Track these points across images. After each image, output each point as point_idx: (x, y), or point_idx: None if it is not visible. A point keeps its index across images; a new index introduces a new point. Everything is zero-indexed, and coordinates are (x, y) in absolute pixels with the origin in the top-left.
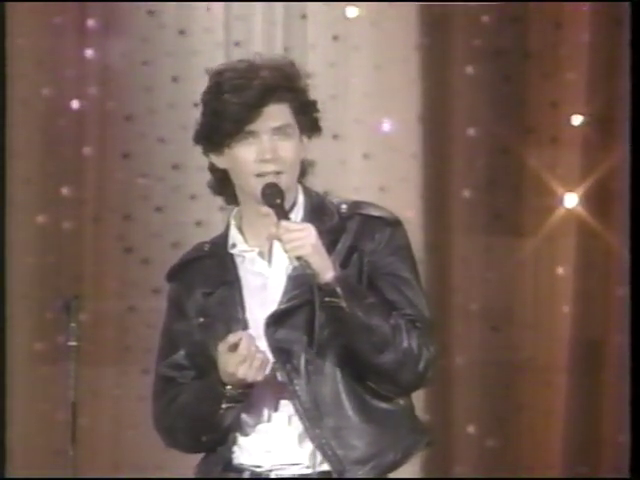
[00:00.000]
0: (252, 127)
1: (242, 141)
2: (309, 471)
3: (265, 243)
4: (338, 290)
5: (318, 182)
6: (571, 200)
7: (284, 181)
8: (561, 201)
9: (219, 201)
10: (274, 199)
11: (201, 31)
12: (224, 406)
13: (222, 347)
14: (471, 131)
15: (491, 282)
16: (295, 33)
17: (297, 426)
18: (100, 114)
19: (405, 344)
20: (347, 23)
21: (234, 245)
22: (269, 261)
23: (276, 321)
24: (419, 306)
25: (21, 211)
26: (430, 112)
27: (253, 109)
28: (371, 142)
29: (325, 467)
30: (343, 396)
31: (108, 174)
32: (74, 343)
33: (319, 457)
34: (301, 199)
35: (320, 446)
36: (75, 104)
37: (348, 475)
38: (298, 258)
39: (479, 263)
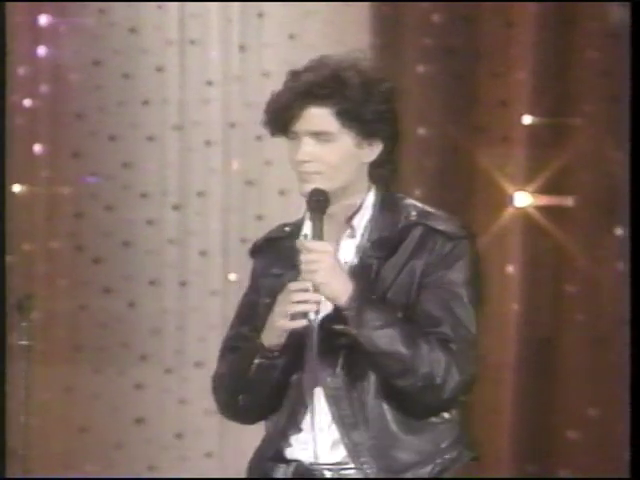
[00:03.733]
0: (294, 128)
1: (290, 140)
2: (335, 475)
3: (332, 239)
4: (348, 315)
5: (275, 181)
6: (521, 199)
7: (320, 181)
8: (511, 200)
9: (170, 199)
10: (316, 211)
11: (152, 29)
12: (256, 361)
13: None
14: (422, 130)
15: None
16: (251, 31)
17: (334, 430)
18: (51, 112)
19: (425, 369)
20: (302, 22)
21: (305, 236)
22: None
23: (325, 323)
24: (462, 325)
25: None
26: None
27: (288, 111)
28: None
29: (354, 473)
30: (384, 405)
31: (59, 172)
32: (26, 342)
33: (350, 464)
34: (369, 202)
35: (352, 453)
36: (27, 102)
37: None
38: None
39: None
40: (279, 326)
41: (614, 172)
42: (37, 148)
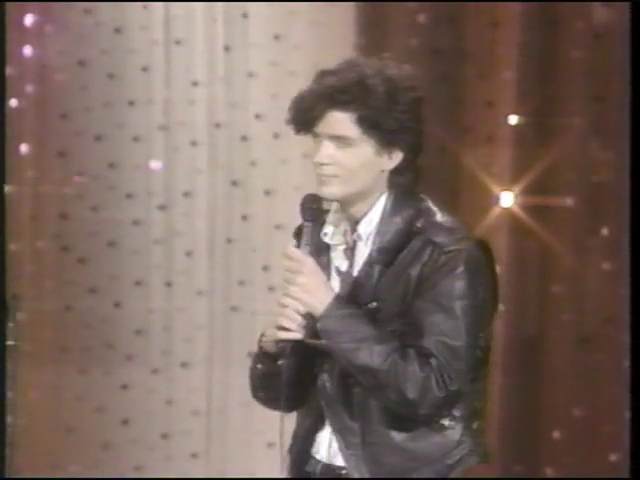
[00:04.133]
0: (316, 129)
1: (313, 139)
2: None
3: (350, 241)
4: (319, 327)
5: (259, 181)
6: (507, 199)
7: (337, 185)
8: (497, 200)
9: (156, 200)
10: (307, 218)
11: (137, 29)
12: (259, 366)
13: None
14: None
15: None
16: (236, 32)
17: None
18: (36, 112)
19: (399, 385)
20: (288, 22)
21: (325, 234)
22: (350, 260)
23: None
24: (446, 339)
25: None
26: None
27: (310, 112)
28: (312, 141)
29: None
30: (376, 413)
31: (44, 172)
32: (12, 342)
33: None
34: (379, 208)
35: (347, 457)
36: (13, 102)
37: None
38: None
39: None
40: (270, 335)
41: (600, 172)
42: (23, 148)
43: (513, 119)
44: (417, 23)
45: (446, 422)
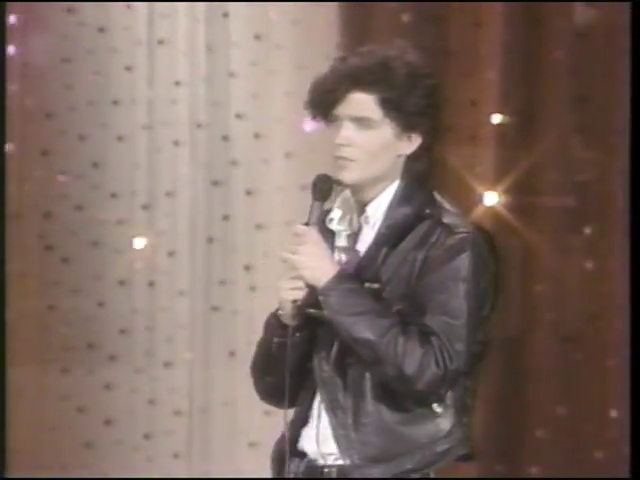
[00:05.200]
0: (336, 111)
1: (331, 123)
2: (321, 463)
3: (355, 226)
4: (321, 299)
5: (240, 181)
6: (490, 198)
7: (355, 170)
8: (480, 199)
9: (140, 199)
10: (317, 197)
11: (121, 29)
12: (275, 339)
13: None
14: None
15: None
16: (218, 31)
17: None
18: (20, 111)
19: (397, 359)
20: (269, 22)
21: (331, 220)
22: (353, 245)
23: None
24: (449, 319)
25: None
26: None
27: (332, 94)
28: (293, 141)
29: (340, 462)
30: (370, 393)
31: (28, 171)
32: None
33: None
34: (390, 192)
35: (338, 437)
36: None
37: (358, 471)
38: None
39: None
40: (281, 298)
41: (583, 171)
42: (6, 147)
43: (496, 118)
44: (400, 22)
45: (438, 409)
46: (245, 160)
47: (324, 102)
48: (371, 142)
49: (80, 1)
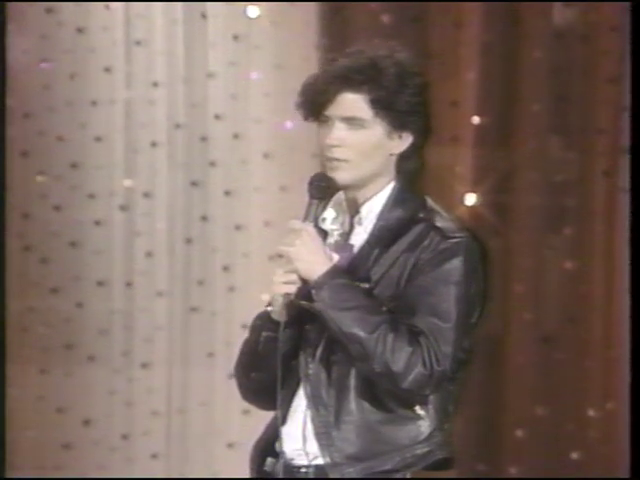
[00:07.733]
0: (327, 112)
1: (321, 124)
2: (304, 462)
3: (347, 226)
4: (313, 292)
5: (219, 182)
6: (471, 198)
7: (348, 170)
8: (461, 199)
9: (118, 200)
10: (314, 195)
11: (99, 29)
12: (264, 333)
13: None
14: None
15: None
16: (195, 32)
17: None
18: None
19: (384, 356)
20: (248, 22)
21: (324, 220)
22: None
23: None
24: (438, 321)
25: None
26: None
27: (323, 95)
28: (272, 141)
29: (319, 461)
30: (354, 391)
31: (6, 172)
32: None
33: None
34: (384, 195)
35: (319, 435)
36: None
37: (337, 470)
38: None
39: None
40: (272, 291)
41: (562, 171)
42: None
43: (477, 119)
44: (380, 23)
45: (420, 411)
46: (224, 161)
47: (315, 103)
48: (363, 142)
49: (59, 1)
